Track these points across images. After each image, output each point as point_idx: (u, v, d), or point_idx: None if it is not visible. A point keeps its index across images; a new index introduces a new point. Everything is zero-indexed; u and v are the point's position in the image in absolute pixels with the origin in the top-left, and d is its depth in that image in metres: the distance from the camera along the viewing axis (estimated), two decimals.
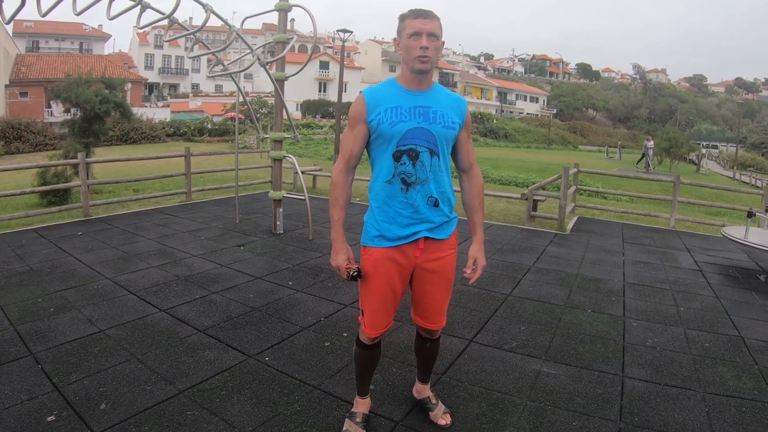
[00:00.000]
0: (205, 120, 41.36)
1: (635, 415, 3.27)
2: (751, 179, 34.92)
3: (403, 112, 2.55)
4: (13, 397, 3.22)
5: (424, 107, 2.58)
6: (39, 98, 38.05)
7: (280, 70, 7.78)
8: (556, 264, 6.88)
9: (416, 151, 2.54)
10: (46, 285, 5.33)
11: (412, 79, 2.59)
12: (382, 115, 2.54)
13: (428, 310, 2.83)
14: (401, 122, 2.53)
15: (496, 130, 57.64)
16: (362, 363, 2.96)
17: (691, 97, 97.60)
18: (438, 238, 2.72)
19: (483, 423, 3.14)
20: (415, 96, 2.59)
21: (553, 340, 4.41)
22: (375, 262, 2.66)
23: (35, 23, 51.28)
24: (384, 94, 2.60)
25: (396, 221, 2.62)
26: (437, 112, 2.59)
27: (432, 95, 2.63)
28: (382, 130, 2.55)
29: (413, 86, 2.61)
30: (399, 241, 2.64)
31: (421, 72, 2.55)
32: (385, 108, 2.55)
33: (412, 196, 2.59)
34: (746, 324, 4.97)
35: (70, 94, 12.77)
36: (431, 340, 3.01)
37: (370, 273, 2.68)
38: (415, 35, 2.49)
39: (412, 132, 2.54)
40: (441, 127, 2.58)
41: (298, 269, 6.19)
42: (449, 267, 2.82)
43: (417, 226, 2.64)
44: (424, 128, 2.55)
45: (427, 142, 2.56)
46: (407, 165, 2.56)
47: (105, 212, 9.30)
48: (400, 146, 2.55)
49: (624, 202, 15.25)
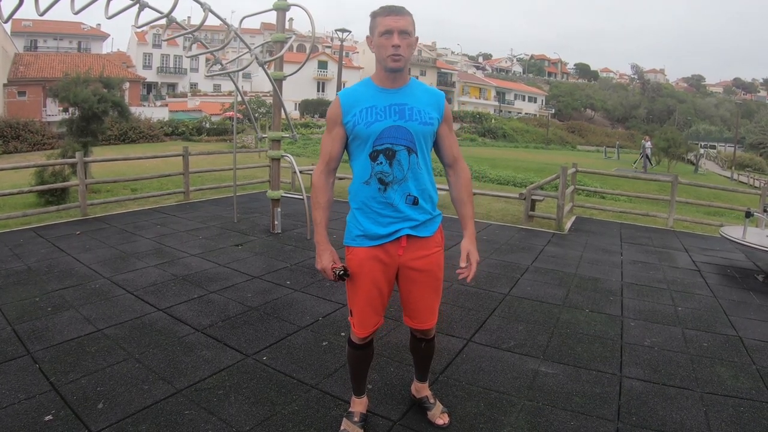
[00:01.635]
0: (204, 119, 41.29)
1: (633, 415, 3.27)
2: (749, 179, 34.96)
3: (378, 112, 2.54)
4: (11, 396, 3.21)
5: (400, 105, 2.56)
6: (37, 97, 37.97)
7: (279, 69, 7.78)
8: (554, 264, 6.89)
9: (392, 150, 2.53)
10: (44, 284, 5.32)
11: (387, 77, 2.57)
12: (357, 116, 2.53)
13: (417, 310, 2.80)
14: (376, 122, 2.52)
15: (495, 130, 57.63)
16: (356, 363, 2.95)
17: (690, 98, 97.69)
18: (421, 236, 2.67)
19: (481, 422, 3.14)
20: (390, 94, 2.58)
21: (551, 339, 4.41)
22: (359, 261, 2.66)
23: (33, 22, 51.16)
24: (359, 95, 2.59)
25: (376, 221, 2.61)
26: (413, 108, 2.57)
27: (408, 92, 2.61)
28: (358, 131, 2.54)
29: (388, 84, 2.59)
30: (381, 240, 2.62)
31: (394, 71, 2.53)
32: (360, 109, 2.54)
33: (390, 195, 2.57)
34: (744, 324, 4.97)
35: (68, 94, 12.75)
36: (426, 340, 2.98)
37: (355, 273, 2.67)
38: (386, 33, 2.46)
39: (387, 131, 2.53)
40: (418, 123, 2.56)
41: (296, 269, 6.18)
42: (436, 265, 2.76)
43: (398, 225, 2.61)
44: (400, 126, 2.53)
45: (404, 140, 2.54)
46: (384, 164, 2.54)
47: (103, 212, 9.29)
48: (376, 146, 2.54)
49: (622, 202, 15.24)
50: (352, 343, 2.86)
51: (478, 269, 2.67)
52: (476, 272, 2.68)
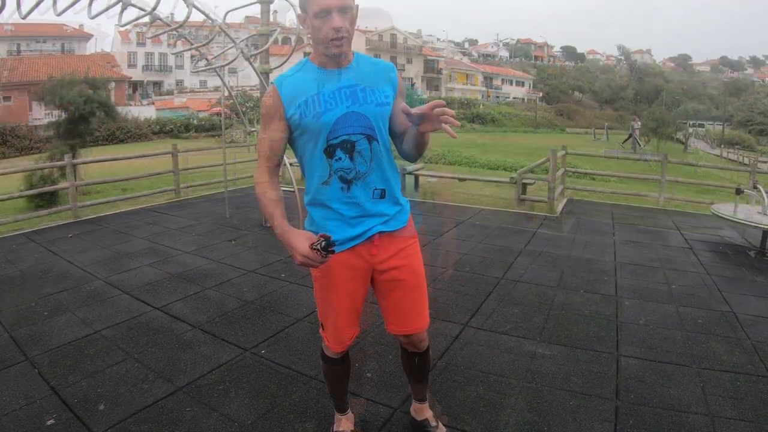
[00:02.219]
0: (191, 116, 41.09)
1: (631, 393, 3.30)
2: (738, 157, 35.10)
3: (327, 99, 2.17)
4: (12, 402, 3.21)
5: (350, 87, 2.20)
6: (23, 102, 37.65)
7: (265, 62, 7.75)
8: (548, 246, 6.92)
9: (350, 141, 2.19)
10: (39, 288, 5.30)
11: (329, 58, 2.20)
12: (302, 108, 2.17)
13: (402, 313, 2.46)
14: (327, 111, 2.16)
15: (483, 115, 57.51)
16: (333, 378, 2.69)
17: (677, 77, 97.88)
18: (393, 230, 2.36)
19: (481, 406, 3.16)
20: (336, 76, 2.21)
21: (547, 321, 4.44)
22: (326, 271, 2.33)
23: (15, 26, 50.54)
24: (300, 82, 2.22)
25: (342, 223, 2.28)
26: (366, 89, 2.22)
27: (355, 69, 2.25)
28: (306, 125, 2.18)
29: (332, 65, 2.22)
30: (351, 242, 2.30)
31: (337, 56, 2.17)
32: (304, 98, 2.17)
33: (354, 193, 2.25)
34: (738, 299, 5.02)
35: (53, 96, 12.68)
36: (418, 354, 2.61)
37: (324, 285, 2.41)
38: (322, 13, 2.06)
39: (341, 120, 2.17)
40: (373, 106, 2.21)
41: (290, 261, 6.18)
42: (414, 257, 2.44)
43: (368, 222, 2.30)
44: (355, 112, 2.18)
45: (362, 127, 2.20)
46: (343, 160, 2.20)
47: (94, 213, 9.24)
48: (330, 140, 2.19)
49: (613, 182, 15.30)
50: (327, 358, 2.59)
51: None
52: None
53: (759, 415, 3.07)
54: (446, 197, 10.54)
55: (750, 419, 3.03)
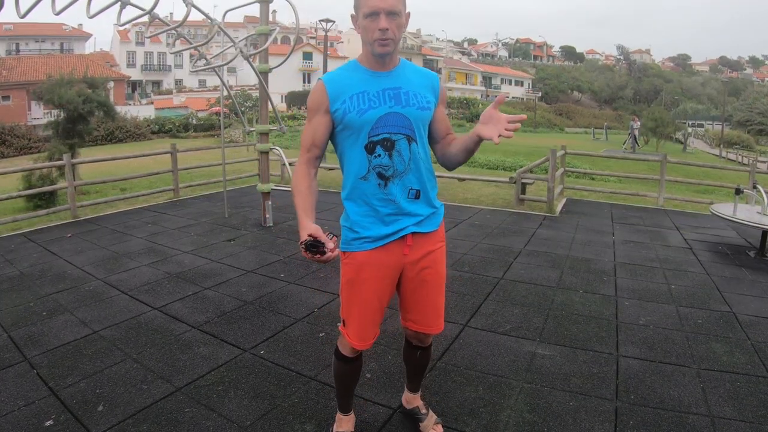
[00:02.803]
0: (190, 116, 41.08)
1: (631, 393, 3.30)
2: (738, 157, 35.10)
3: (371, 98, 2.26)
4: (10, 403, 3.20)
5: (394, 89, 2.29)
6: (21, 101, 37.70)
7: (264, 62, 7.74)
8: (547, 246, 6.91)
9: (391, 140, 2.27)
10: (38, 289, 5.29)
11: (376, 60, 2.28)
12: (347, 104, 2.25)
13: (423, 313, 2.54)
14: (371, 109, 2.24)
15: None
16: (344, 378, 2.70)
17: (676, 77, 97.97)
18: (426, 231, 2.43)
19: (480, 407, 3.16)
20: (381, 78, 2.30)
21: (546, 321, 4.43)
22: (358, 267, 2.39)
23: (14, 25, 50.63)
24: (347, 80, 2.30)
25: (377, 220, 2.34)
26: (409, 92, 2.31)
27: (400, 74, 2.34)
28: (350, 121, 2.26)
29: (378, 67, 2.30)
30: (384, 240, 2.35)
31: (382, 56, 2.25)
32: (350, 95, 2.26)
33: (391, 190, 2.31)
34: (737, 300, 5.02)
35: (52, 96, 12.64)
36: (422, 348, 2.73)
37: (353, 280, 2.42)
38: (372, 15, 2.15)
39: (384, 119, 2.26)
40: (416, 109, 2.30)
41: (289, 261, 6.18)
42: (440, 262, 2.52)
43: (402, 222, 2.36)
44: (398, 113, 2.27)
45: (403, 128, 2.28)
46: (383, 157, 2.28)
47: (93, 213, 9.23)
48: (372, 137, 2.26)
49: (612, 182, 15.31)
50: (341, 356, 2.61)
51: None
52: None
53: (759, 415, 3.07)
54: (446, 197, 10.52)
55: (750, 420, 3.02)
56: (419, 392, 3.01)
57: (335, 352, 2.65)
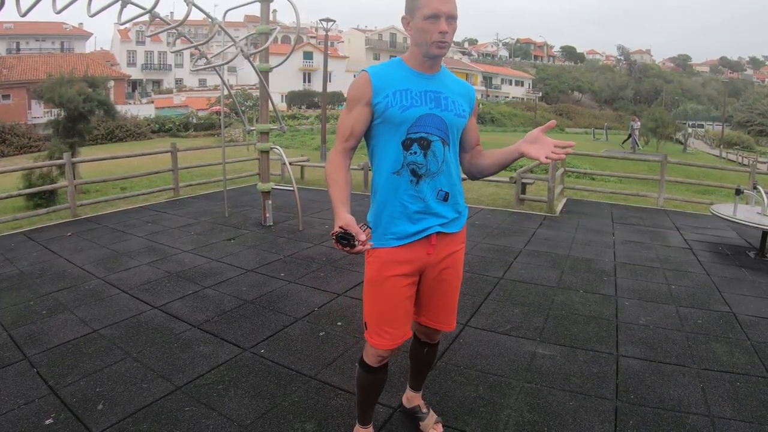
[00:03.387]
0: (190, 115, 41.08)
1: (631, 393, 3.30)
2: (738, 157, 35.11)
3: (414, 96, 2.29)
4: (10, 402, 3.20)
5: (435, 92, 2.34)
6: (22, 100, 37.70)
7: (264, 61, 7.73)
8: (547, 246, 6.91)
9: (428, 140, 2.29)
10: (38, 288, 5.29)
11: (424, 62, 2.33)
12: (390, 98, 2.27)
13: (438, 310, 2.59)
14: (413, 107, 2.27)
15: (483, 115, 57.35)
16: (367, 389, 2.64)
17: (676, 77, 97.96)
18: (450, 232, 2.44)
19: (480, 406, 3.16)
20: (425, 80, 2.34)
21: (546, 321, 4.43)
22: (381, 265, 2.38)
23: (15, 24, 50.61)
24: (391, 75, 2.33)
25: (405, 216, 2.34)
26: (448, 98, 2.35)
27: (442, 80, 2.39)
28: (391, 115, 2.27)
29: (424, 69, 2.35)
30: (409, 238, 2.36)
31: (436, 57, 2.30)
32: (393, 90, 2.28)
33: (422, 189, 2.32)
34: (737, 300, 5.02)
35: (53, 95, 12.65)
36: (430, 345, 2.77)
37: (376, 279, 2.40)
38: (432, 18, 2.18)
39: (423, 119, 2.28)
40: (453, 114, 2.34)
41: (289, 260, 6.18)
42: (459, 263, 2.56)
43: (428, 221, 2.36)
44: (436, 115, 2.30)
45: (439, 130, 2.31)
46: (418, 155, 2.30)
47: (93, 212, 9.23)
48: (410, 133, 2.28)
49: (612, 182, 15.30)
50: (366, 366, 2.54)
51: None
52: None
53: (759, 415, 3.07)
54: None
55: (750, 420, 3.02)
56: (421, 391, 3.03)
57: (359, 362, 2.58)
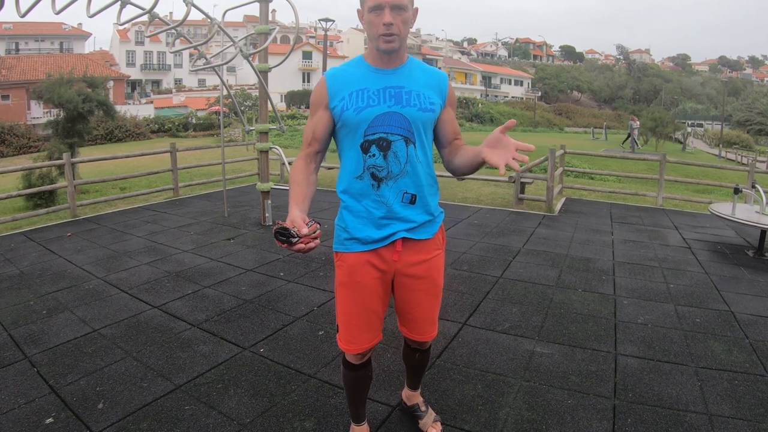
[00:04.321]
0: (190, 115, 41.07)
1: (629, 391, 3.31)
2: (737, 156, 35.12)
3: (371, 95, 2.18)
4: (10, 401, 3.21)
5: (396, 88, 2.20)
6: (21, 100, 37.68)
7: (263, 61, 7.74)
8: (546, 245, 6.92)
9: (387, 140, 2.17)
10: (38, 287, 5.30)
11: (381, 57, 2.21)
12: (346, 101, 2.18)
13: (415, 321, 2.48)
14: (368, 107, 2.16)
15: (482, 114, 57.48)
16: (351, 386, 2.62)
17: (675, 77, 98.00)
18: (419, 239, 2.33)
19: (479, 404, 3.17)
20: (384, 75, 2.22)
21: (545, 320, 4.44)
22: (350, 269, 2.31)
23: (14, 25, 50.61)
24: (349, 76, 2.23)
25: (370, 222, 2.25)
26: (411, 92, 2.21)
27: (405, 73, 2.25)
28: (347, 118, 2.18)
29: (383, 64, 2.23)
30: (375, 244, 2.27)
31: (387, 52, 2.17)
32: (349, 92, 2.19)
33: (384, 193, 2.22)
34: (736, 299, 5.03)
35: (52, 95, 12.64)
36: (420, 351, 2.70)
37: (345, 283, 2.34)
38: (376, 9, 2.08)
39: (381, 118, 2.16)
40: (416, 110, 2.20)
41: (288, 260, 6.19)
42: (436, 270, 2.43)
43: (393, 226, 2.26)
44: (396, 113, 2.17)
45: (400, 128, 2.18)
46: (377, 157, 2.19)
47: (93, 212, 9.24)
48: (367, 135, 2.18)
49: (611, 182, 15.31)
50: (347, 364, 2.53)
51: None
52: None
53: (757, 413, 3.08)
54: (445, 196, 10.53)
55: (748, 418, 3.03)
56: (419, 389, 3.01)
57: (342, 360, 2.56)
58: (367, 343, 2.41)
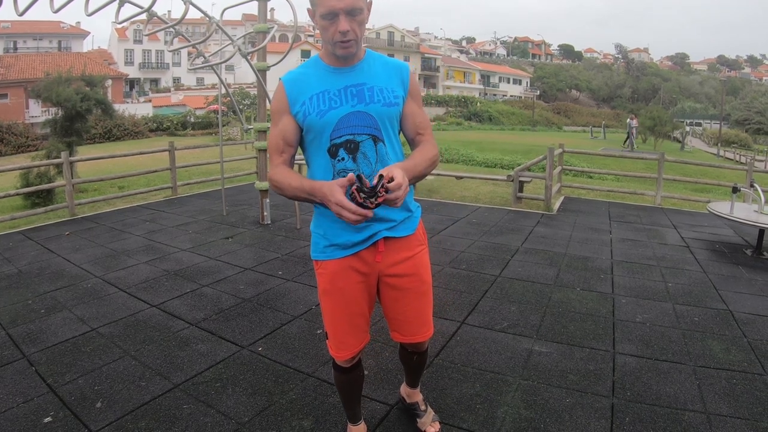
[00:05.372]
0: (188, 113, 41.02)
1: (627, 390, 3.31)
2: (735, 155, 35.14)
3: (333, 97, 2.11)
4: (9, 400, 3.21)
5: (357, 85, 2.13)
6: (19, 99, 37.56)
7: (262, 60, 7.74)
8: (544, 244, 6.93)
9: (354, 141, 2.09)
10: (36, 286, 5.30)
11: (338, 57, 2.13)
12: (307, 105, 2.10)
13: (406, 322, 2.40)
14: (332, 109, 2.09)
15: (480, 113, 57.51)
16: (344, 388, 2.61)
17: (674, 76, 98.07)
18: (401, 236, 2.28)
19: (477, 403, 3.17)
20: (343, 74, 2.14)
21: (543, 319, 4.45)
22: (331, 276, 2.26)
23: (12, 23, 50.51)
24: (307, 79, 2.15)
25: (348, 226, 2.15)
26: (374, 88, 2.14)
27: (365, 69, 2.17)
28: (311, 123, 2.10)
29: (340, 63, 2.14)
30: (356, 247, 2.22)
31: (344, 57, 2.11)
32: (309, 96, 2.11)
33: None
34: (734, 298, 5.03)
35: (50, 94, 12.62)
36: (418, 353, 2.64)
37: (329, 290, 2.29)
38: (329, 16, 1.98)
39: (346, 119, 2.09)
40: (381, 105, 2.12)
41: (287, 259, 6.18)
42: (422, 266, 2.37)
43: (373, 227, 2.19)
44: (361, 111, 2.10)
45: (367, 127, 2.11)
46: (346, 161, 2.10)
47: (91, 211, 9.24)
48: (334, 139, 2.10)
49: (609, 181, 15.32)
50: (336, 366, 2.49)
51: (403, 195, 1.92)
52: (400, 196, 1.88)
53: (755, 412, 3.08)
54: (444, 195, 10.53)
55: (746, 417, 3.03)
56: (419, 387, 2.98)
57: (332, 363, 2.52)
58: (356, 347, 2.38)
